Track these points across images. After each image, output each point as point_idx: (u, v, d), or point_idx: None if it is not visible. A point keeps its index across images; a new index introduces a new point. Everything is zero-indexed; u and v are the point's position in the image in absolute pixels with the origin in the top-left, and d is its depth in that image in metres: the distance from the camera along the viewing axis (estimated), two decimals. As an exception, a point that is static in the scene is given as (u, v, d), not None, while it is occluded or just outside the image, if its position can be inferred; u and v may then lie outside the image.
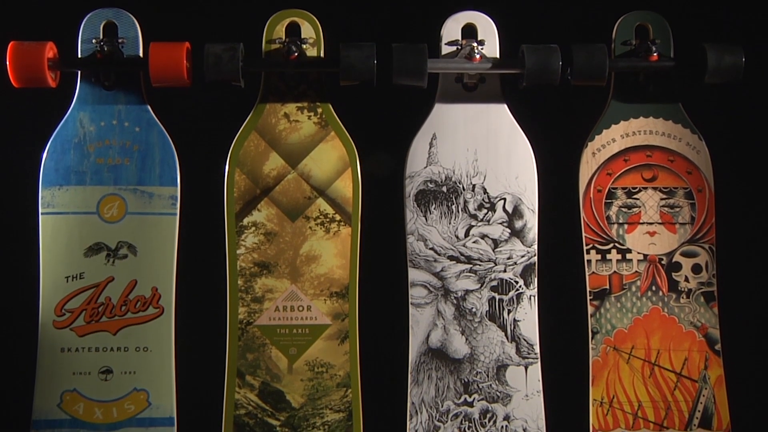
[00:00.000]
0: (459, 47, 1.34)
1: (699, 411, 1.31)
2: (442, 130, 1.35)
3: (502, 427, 1.31)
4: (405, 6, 1.46)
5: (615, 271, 1.34)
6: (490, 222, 1.34)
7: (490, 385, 1.31)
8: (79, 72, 1.32)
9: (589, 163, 1.36)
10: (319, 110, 1.34)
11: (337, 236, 1.33)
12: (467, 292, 1.33)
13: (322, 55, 1.34)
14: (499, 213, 1.34)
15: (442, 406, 1.31)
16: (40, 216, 1.30)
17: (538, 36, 1.32)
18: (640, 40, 1.35)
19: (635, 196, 1.35)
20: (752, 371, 1.42)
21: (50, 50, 1.29)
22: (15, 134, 1.41)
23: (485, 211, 1.34)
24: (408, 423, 1.30)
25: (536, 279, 1.33)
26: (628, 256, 1.34)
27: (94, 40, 1.31)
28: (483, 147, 1.35)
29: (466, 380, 1.31)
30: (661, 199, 1.35)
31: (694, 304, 1.33)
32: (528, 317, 1.32)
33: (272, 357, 1.31)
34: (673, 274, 1.33)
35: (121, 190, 1.31)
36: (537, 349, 1.32)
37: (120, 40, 1.32)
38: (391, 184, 1.36)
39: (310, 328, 1.32)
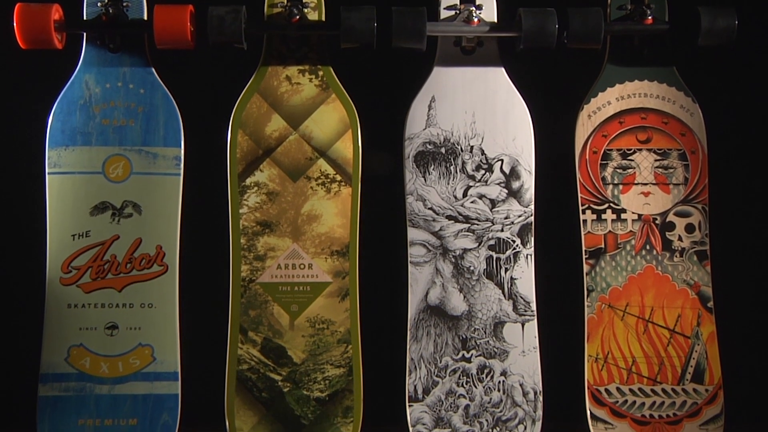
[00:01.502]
0: (457, 11, 1.37)
1: (691, 366, 1.34)
2: (440, 92, 1.37)
3: (499, 382, 1.33)
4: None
5: (610, 231, 1.36)
6: (488, 183, 1.36)
7: (488, 341, 1.34)
8: (85, 35, 1.35)
9: (584, 125, 1.38)
10: (320, 73, 1.37)
11: (338, 196, 1.35)
12: (465, 250, 1.35)
13: (323, 19, 1.36)
14: (497, 174, 1.37)
15: (440, 362, 1.34)
16: (46, 176, 1.32)
17: (535, 0, 1.35)
18: (635, 4, 1.37)
19: (630, 158, 1.37)
20: (743, 328, 1.45)
21: (56, 12, 1.31)
22: (22, 96, 1.43)
23: (483, 171, 1.36)
24: (407, 378, 1.33)
25: (533, 238, 1.35)
26: (623, 216, 1.36)
27: (99, 3, 1.34)
28: (481, 109, 1.37)
29: (464, 337, 1.34)
30: (656, 160, 1.37)
31: (687, 263, 1.36)
32: (525, 275, 1.35)
33: (274, 314, 1.33)
34: (666, 233, 1.36)
35: (126, 150, 1.34)
36: (533, 306, 1.35)
37: (125, 4, 1.34)
38: (390, 145, 1.39)
39: (312, 285, 1.34)
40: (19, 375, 1.36)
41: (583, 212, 1.37)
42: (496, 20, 1.37)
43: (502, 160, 1.37)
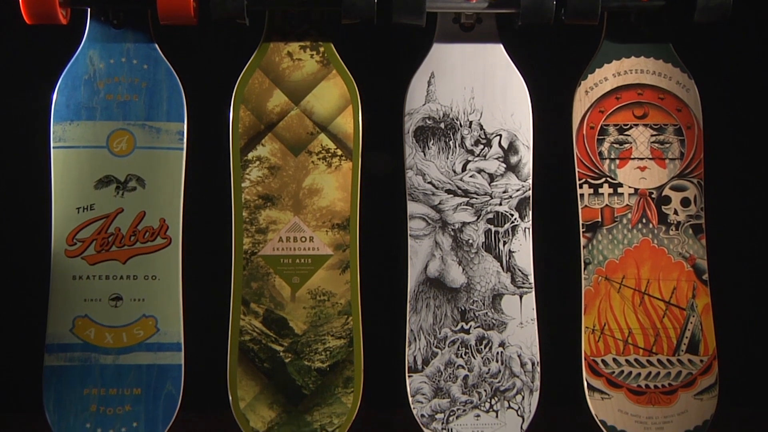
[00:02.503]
0: (457, -12, 1.39)
1: (686, 338, 1.36)
2: (440, 68, 1.39)
3: (498, 353, 1.35)
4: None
5: (607, 205, 1.38)
6: (487, 157, 1.38)
7: (486, 313, 1.36)
8: (89, 10, 1.36)
9: (582, 101, 1.40)
10: (321, 49, 1.39)
11: (339, 170, 1.37)
12: (464, 224, 1.37)
13: (324, -5, 1.38)
14: (495, 149, 1.39)
15: (439, 333, 1.36)
16: (51, 150, 1.34)
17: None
18: (632, -19, 1.39)
19: (626, 133, 1.39)
20: (737, 300, 1.47)
21: (61, -12, 1.33)
22: (27, 71, 1.45)
23: (481, 146, 1.38)
24: (407, 349, 1.35)
25: (531, 212, 1.37)
26: (620, 190, 1.38)
27: (103, -21, 1.36)
28: (479, 85, 1.39)
29: (462, 308, 1.36)
30: (652, 135, 1.39)
31: (683, 236, 1.38)
32: (523, 248, 1.37)
33: (276, 286, 1.36)
34: (662, 207, 1.38)
35: (130, 125, 1.36)
36: (531, 279, 1.37)
37: (128, -20, 1.36)
38: (391, 120, 1.41)
39: (313, 258, 1.36)
40: (25, 345, 1.38)
41: (581, 186, 1.39)
42: (494, -3, 1.39)
43: (500, 135, 1.39)
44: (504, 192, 1.38)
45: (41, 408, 1.30)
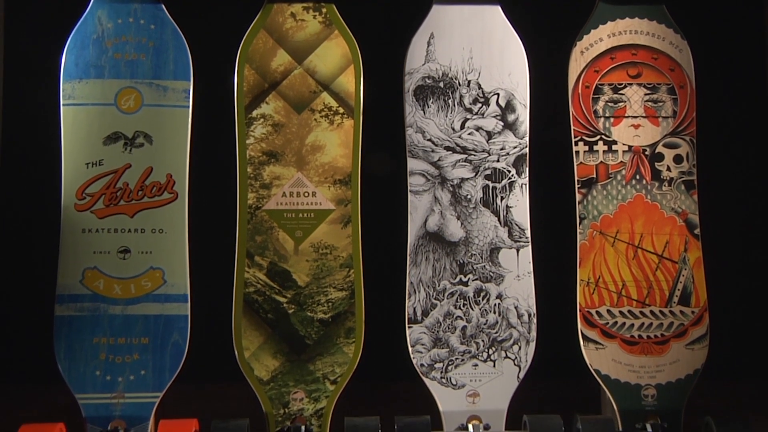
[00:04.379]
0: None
1: (678, 290, 1.40)
2: (439, 29, 1.43)
3: (495, 305, 1.39)
4: None
5: (601, 161, 1.42)
6: (484, 115, 1.42)
7: (484, 266, 1.40)
8: (98, -29, 1.40)
9: (577, 61, 1.44)
10: (324, 10, 1.42)
11: (341, 128, 1.41)
12: (462, 180, 1.41)
13: (326, -43, 1.42)
14: (493, 107, 1.42)
15: (438, 285, 1.39)
16: (61, 107, 1.38)
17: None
18: (626, -56, 1.43)
19: (621, 92, 1.43)
20: (727, 253, 1.51)
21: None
22: (38, 31, 1.48)
23: (479, 105, 1.42)
24: (407, 301, 1.39)
25: (527, 168, 1.41)
26: (614, 147, 1.42)
27: (111, -61, 1.40)
28: (478, 46, 1.43)
29: (461, 261, 1.40)
30: (645, 94, 1.43)
31: (675, 192, 1.41)
32: (520, 204, 1.41)
33: (279, 239, 1.39)
34: (656, 163, 1.42)
35: (138, 83, 1.40)
36: (528, 233, 1.40)
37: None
38: (391, 79, 1.44)
39: (315, 212, 1.40)
40: (37, 296, 1.42)
41: (576, 144, 1.42)
42: (492, -41, 1.42)
43: (498, 94, 1.42)
44: (501, 149, 1.42)
45: (52, 358, 1.34)
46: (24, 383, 1.58)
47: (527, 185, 1.41)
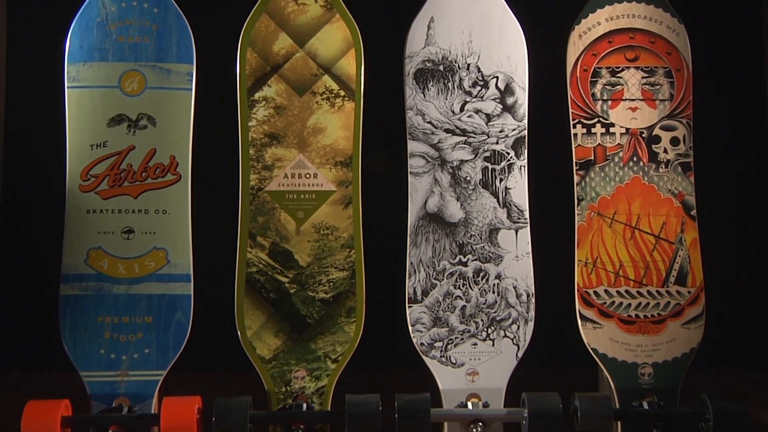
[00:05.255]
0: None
1: (675, 270, 1.42)
2: (439, 13, 1.44)
3: (494, 284, 1.41)
4: None
5: (599, 144, 1.44)
6: (484, 98, 1.44)
7: (483, 246, 1.42)
8: (100, -48, 1.42)
9: (576, 45, 1.45)
10: (325, -6, 1.44)
11: (342, 110, 1.43)
12: (462, 162, 1.43)
13: (327, -58, 1.44)
14: (492, 90, 1.44)
15: (438, 266, 1.41)
16: (66, 90, 1.39)
17: None
18: (624, -72, 1.45)
19: (618, 75, 1.45)
20: (723, 234, 1.53)
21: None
22: (42, 14, 1.50)
23: (479, 88, 1.44)
24: (407, 281, 1.41)
25: (526, 150, 1.43)
26: (612, 129, 1.44)
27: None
28: (477, 29, 1.45)
29: (460, 242, 1.42)
30: (643, 77, 1.45)
31: (672, 174, 1.43)
32: (518, 185, 1.43)
33: (281, 220, 1.41)
34: (653, 146, 1.44)
35: (141, 66, 1.41)
36: (527, 214, 1.42)
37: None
38: (392, 63, 1.46)
39: (317, 193, 1.42)
40: (43, 276, 1.44)
41: (574, 126, 1.44)
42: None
43: (497, 77, 1.44)
44: (500, 131, 1.43)
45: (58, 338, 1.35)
46: (28, 369, 1.61)
47: (526, 167, 1.43)
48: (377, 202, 1.45)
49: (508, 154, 1.43)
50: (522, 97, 1.44)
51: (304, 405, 1.36)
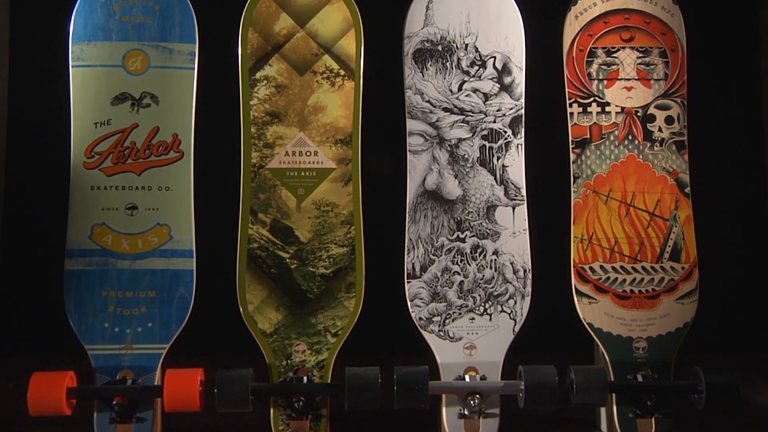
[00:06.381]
0: None
1: (669, 246, 1.44)
2: (437, -6, 1.47)
3: (492, 260, 1.44)
4: None
5: (595, 122, 1.46)
6: (481, 78, 1.46)
7: (481, 223, 1.44)
8: (104, -63, 1.44)
9: (572, 25, 1.48)
10: (325, -25, 1.47)
11: (342, 89, 1.45)
12: (460, 140, 1.45)
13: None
14: (490, 70, 1.46)
15: (436, 242, 1.44)
16: (70, 68, 1.42)
17: None
18: None
19: (614, 55, 1.47)
20: (717, 211, 1.55)
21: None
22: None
23: (477, 68, 1.46)
24: (406, 257, 1.43)
25: (523, 129, 1.45)
26: (607, 108, 1.46)
27: None
28: (475, 10, 1.47)
29: (458, 219, 1.44)
30: (638, 57, 1.47)
31: (667, 152, 1.46)
32: (515, 163, 1.45)
33: (282, 197, 1.44)
34: (648, 124, 1.46)
35: (145, 45, 1.44)
36: (523, 191, 1.45)
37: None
38: (391, 43, 1.48)
39: (317, 171, 1.44)
40: (49, 251, 1.47)
41: (570, 105, 1.46)
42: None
43: (494, 57, 1.46)
44: (498, 110, 1.46)
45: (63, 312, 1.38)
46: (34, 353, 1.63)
47: (523, 145, 1.45)
48: (376, 179, 1.48)
49: (506, 132, 1.45)
50: (519, 77, 1.46)
51: (305, 378, 1.38)
